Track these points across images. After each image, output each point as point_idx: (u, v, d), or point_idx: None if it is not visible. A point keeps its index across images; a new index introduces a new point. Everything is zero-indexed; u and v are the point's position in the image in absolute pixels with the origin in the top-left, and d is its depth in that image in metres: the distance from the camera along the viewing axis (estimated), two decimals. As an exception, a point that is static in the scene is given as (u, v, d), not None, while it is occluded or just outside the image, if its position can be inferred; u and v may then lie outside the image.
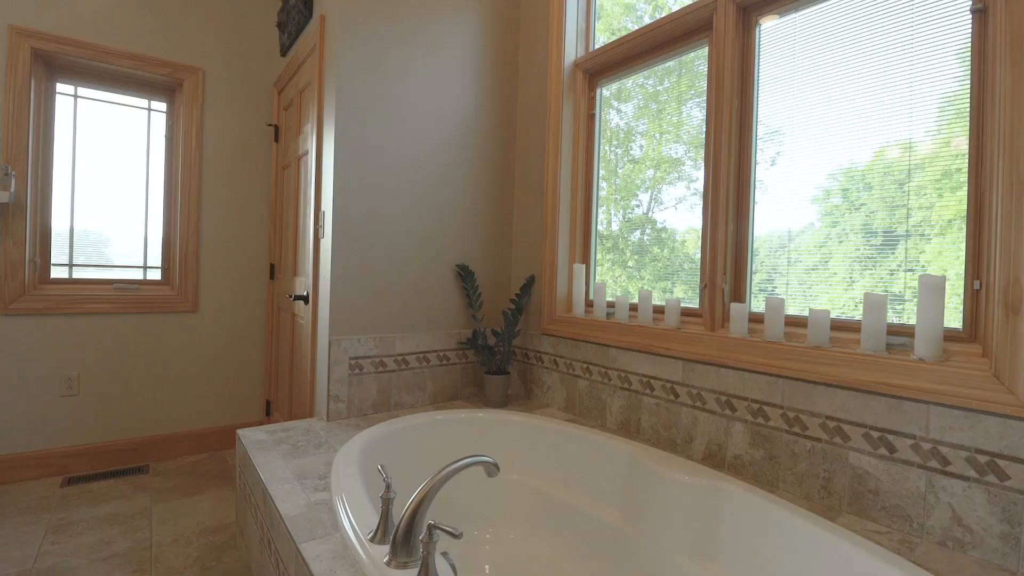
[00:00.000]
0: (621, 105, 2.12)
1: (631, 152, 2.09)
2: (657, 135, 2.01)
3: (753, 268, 1.62)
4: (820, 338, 1.34)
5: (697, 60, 1.80)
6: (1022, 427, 1.03)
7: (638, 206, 2.07)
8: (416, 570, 0.88)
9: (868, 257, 1.39)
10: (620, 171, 2.11)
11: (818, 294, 1.47)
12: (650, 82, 2.00)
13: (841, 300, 1.43)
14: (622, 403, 1.85)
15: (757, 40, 1.62)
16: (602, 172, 2.17)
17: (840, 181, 1.44)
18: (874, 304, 1.25)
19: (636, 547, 1.46)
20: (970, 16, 1.21)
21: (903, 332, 1.27)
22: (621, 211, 2.14)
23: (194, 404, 2.68)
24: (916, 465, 1.17)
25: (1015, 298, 1.05)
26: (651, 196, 2.03)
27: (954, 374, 1.11)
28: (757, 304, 1.61)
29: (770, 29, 1.57)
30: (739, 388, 1.50)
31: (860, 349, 1.27)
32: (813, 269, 1.49)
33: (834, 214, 1.46)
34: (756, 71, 1.61)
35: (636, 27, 2.00)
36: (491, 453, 1.88)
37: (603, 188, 2.18)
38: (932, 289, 1.16)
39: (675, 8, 1.89)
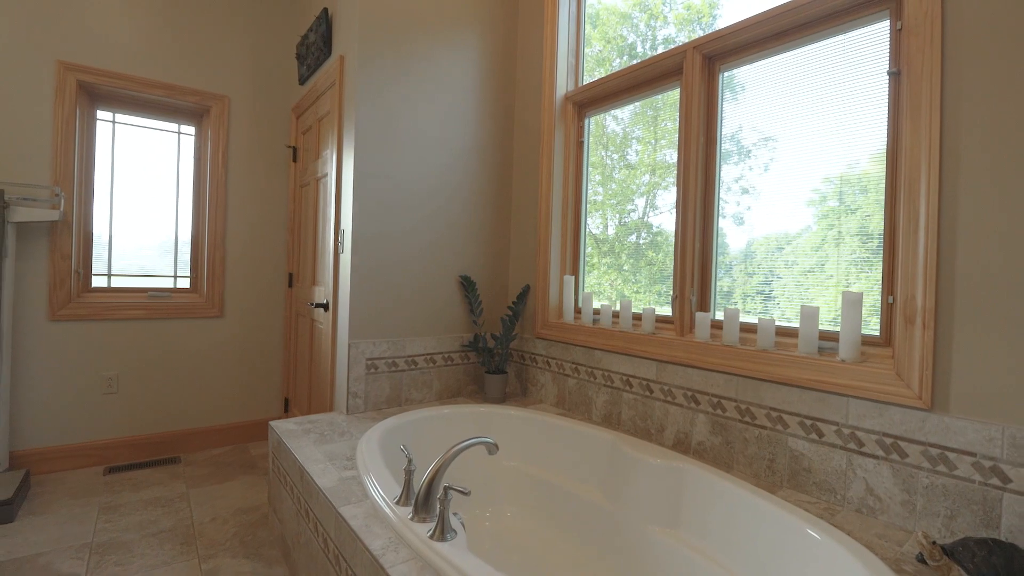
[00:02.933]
0: (617, 111, 2.25)
1: (627, 157, 2.20)
2: (652, 141, 2.11)
3: (717, 281, 1.87)
4: (767, 342, 1.60)
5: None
6: (916, 415, 1.29)
7: (634, 211, 2.20)
8: (434, 523, 1.14)
9: (864, 260, 1.48)
10: (617, 176, 2.26)
11: (815, 296, 1.57)
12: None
13: (838, 303, 1.50)
14: (605, 398, 2.10)
15: (720, 84, 1.88)
16: (598, 177, 2.36)
17: (836, 184, 1.54)
18: (808, 314, 1.51)
19: (614, 520, 1.72)
20: (887, 78, 1.47)
21: (832, 337, 1.52)
22: (617, 216, 2.25)
23: (219, 401, 2.93)
24: (839, 447, 1.42)
25: (910, 311, 1.31)
26: (647, 201, 2.15)
27: (868, 372, 1.37)
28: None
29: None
30: (702, 385, 1.76)
31: (797, 352, 1.53)
32: (809, 271, 1.60)
33: (829, 217, 1.55)
34: (720, 111, 1.87)
35: (631, 35, 2.19)
36: (491, 443, 2.13)
37: (599, 193, 2.31)
38: (852, 303, 1.42)
39: (669, 16, 2.10)
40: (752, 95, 1.78)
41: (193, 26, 2.82)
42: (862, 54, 1.52)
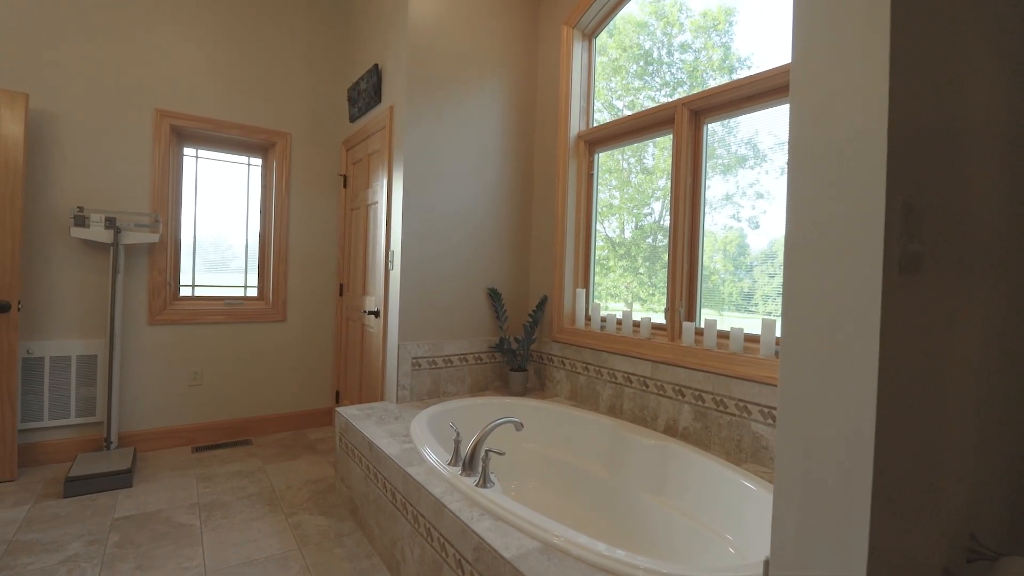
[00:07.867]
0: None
1: (644, 161, 2.33)
2: (668, 146, 2.23)
3: (701, 294, 2.28)
4: (737, 347, 2.00)
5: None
6: (844, 404, 1.69)
7: (650, 214, 2.36)
8: (478, 476, 1.58)
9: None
10: (633, 180, 2.37)
11: None
12: (662, 93, 2.24)
13: None
14: (610, 392, 2.52)
15: (705, 134, 2.28)
16: (614, 182, 2.65)
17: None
18: (767, 325, 1.91)
19: (614, 489, 2.14)
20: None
21: (787, 344, 1.92)
22: (634, 219, 2.36)
23: (282, 393, 3.44)
24: (788, 429, 1.82)
25: (839, 325, 1.70)
26: (663, 204, 2.30)
27: (810, 371, 1.77)
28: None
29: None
30: (687, 381, 2.16)
31: (759, 355, 1.93)
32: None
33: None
34: (704, 155, 2.28)
35: (647, 41, 2.48)
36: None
37: (616, 197, 2.49)
38: (799, 317, 1.81)
39: (686, 23, 2.33)
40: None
41: (261, 74, 3.32)
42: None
